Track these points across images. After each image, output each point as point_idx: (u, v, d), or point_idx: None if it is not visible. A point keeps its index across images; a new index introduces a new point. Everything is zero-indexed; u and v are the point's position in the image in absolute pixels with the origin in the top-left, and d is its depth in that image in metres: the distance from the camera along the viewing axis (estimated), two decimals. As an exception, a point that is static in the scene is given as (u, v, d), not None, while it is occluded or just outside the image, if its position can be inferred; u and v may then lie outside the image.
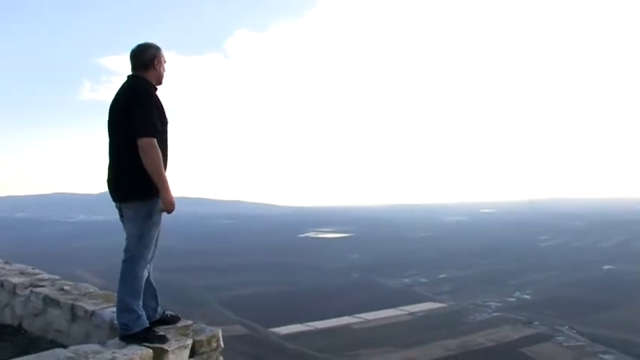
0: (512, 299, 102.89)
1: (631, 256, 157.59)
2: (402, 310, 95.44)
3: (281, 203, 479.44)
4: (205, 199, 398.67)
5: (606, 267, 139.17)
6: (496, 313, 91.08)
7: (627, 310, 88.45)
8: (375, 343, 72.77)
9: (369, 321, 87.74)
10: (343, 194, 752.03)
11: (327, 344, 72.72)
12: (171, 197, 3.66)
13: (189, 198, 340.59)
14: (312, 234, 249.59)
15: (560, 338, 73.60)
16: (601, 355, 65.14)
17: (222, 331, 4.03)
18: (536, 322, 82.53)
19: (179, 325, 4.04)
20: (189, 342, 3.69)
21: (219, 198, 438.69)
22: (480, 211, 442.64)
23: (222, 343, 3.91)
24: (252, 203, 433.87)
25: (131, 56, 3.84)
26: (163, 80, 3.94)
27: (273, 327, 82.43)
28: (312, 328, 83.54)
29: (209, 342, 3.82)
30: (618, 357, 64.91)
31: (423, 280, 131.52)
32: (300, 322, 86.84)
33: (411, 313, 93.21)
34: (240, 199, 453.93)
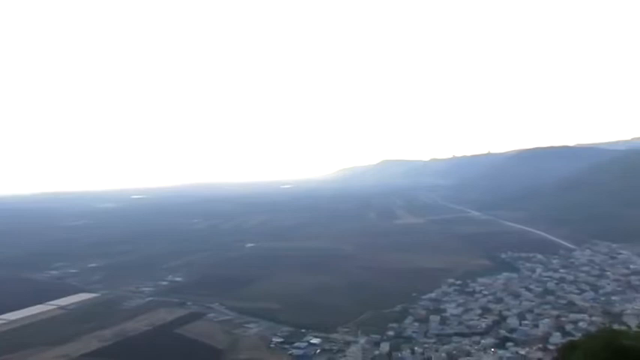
0: (165, 283, 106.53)
1: (268, 234, 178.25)
2: (51, 304, 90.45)
3: None
4: None
5: (249, 245, 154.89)
6: (150, 298, 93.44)
7: (266, 283, 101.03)
8: (24, 344, 67.46)
9: (14, 321, 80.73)
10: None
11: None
12: None
13: None
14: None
15: (212, 315, 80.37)
16: (246, 325, 74.06)
17: None
18: (189, 303, 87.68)
19: None
20: None
21: None
22: (132, 197, 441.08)
23: None
24: None
25: None
26: None
27: None
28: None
29: None
30: (260, 324, 74.66)
31: (73, 270, 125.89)
32: None
33: (61, 307, 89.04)
34: None
